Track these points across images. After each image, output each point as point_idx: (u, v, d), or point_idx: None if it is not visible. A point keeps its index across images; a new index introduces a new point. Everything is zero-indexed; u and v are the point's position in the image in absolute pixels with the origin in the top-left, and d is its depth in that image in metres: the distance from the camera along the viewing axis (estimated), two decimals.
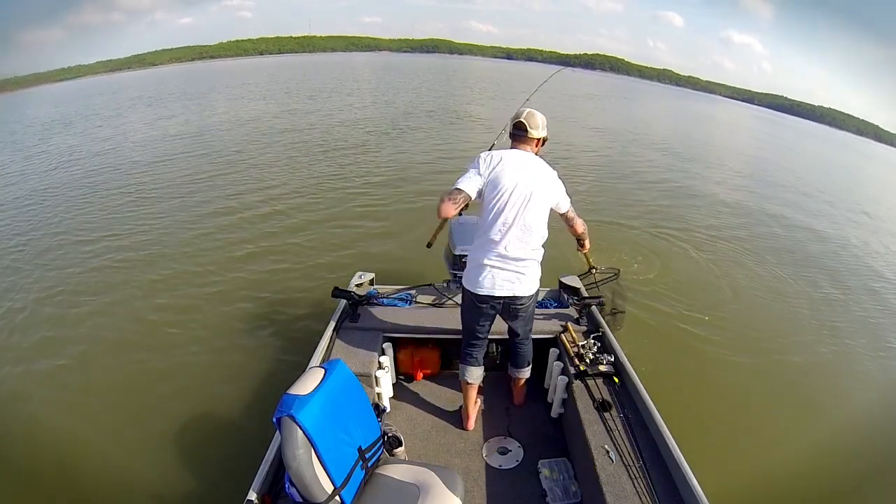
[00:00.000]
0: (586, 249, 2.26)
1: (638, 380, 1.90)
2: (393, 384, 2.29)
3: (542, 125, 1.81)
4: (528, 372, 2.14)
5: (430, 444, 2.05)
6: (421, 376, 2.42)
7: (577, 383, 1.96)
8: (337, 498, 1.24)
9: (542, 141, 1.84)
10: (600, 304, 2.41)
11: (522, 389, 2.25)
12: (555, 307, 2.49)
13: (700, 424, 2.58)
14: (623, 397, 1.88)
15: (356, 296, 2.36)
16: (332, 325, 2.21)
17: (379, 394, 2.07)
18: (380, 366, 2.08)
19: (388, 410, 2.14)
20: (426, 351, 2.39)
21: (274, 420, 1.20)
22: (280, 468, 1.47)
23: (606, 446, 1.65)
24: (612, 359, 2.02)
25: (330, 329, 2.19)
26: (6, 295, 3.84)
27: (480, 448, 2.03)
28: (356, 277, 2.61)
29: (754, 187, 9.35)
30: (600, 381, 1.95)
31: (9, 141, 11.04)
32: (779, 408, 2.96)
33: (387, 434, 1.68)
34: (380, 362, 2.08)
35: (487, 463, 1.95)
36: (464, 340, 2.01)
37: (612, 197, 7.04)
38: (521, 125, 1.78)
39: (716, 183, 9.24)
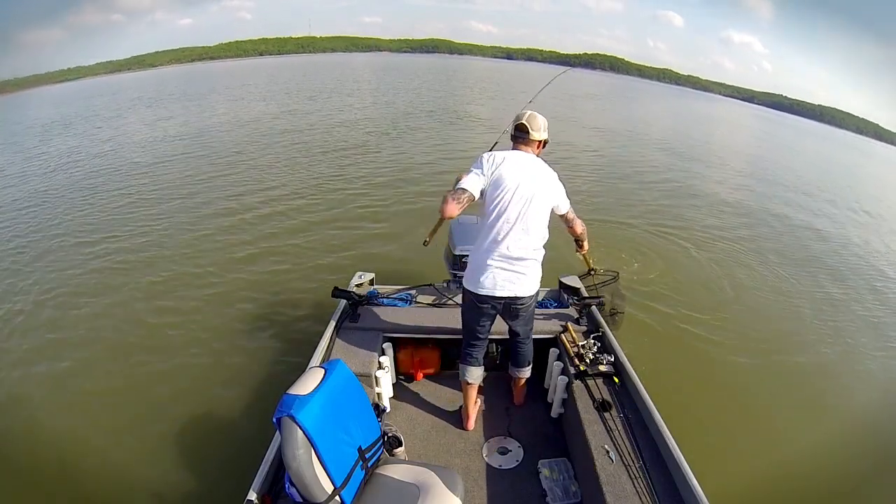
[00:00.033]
0: (585, 250, 2.28)
1: (638, 380, 1.90)
2: (393, 384, 2.29)
3: (544, 127, 1.82)
4: (529, 371, 2.14)
5: (430, 444, 2.05)
6: (421, 376, 2.42)
7: (577, 383, 1.96)
8: (337, 498, 1.24)
9: (544, 143, 1.86)
10: (600, 304, 2.42)
11: (522, 389, 2.25)
12: (555, 307, 2.49)
13: (700, 424, 2.58)
14: (623, 397, 1.88)
15: (356, 296, 2.36)
16: (332, 326, 2.21)
17: (379, 394, 2.07)
18: (380, 366, 2.08)
19: (388, 410, 2.14)
20: (426, 351, 2.39)
21: (274, 420, 1.20)
22: (280, 468, 1.47)
23: (606, 446, 1.64)
24: (612, 359, 2.02)
25: (330, 329, 2.19)
26: (6, 297, 3.84)
27: (480, 448, 2.03)
28: (356, 277, 2.61)
29: (755, 186, 9.34)
30: (600, 381, 1.95)
31: (9, 142, 11.05)
32: (779, 408, 2.96)
33: (387, 434, 1.68)
34: (380, 362, 2.08)
35: (487, 463, 1.95)
36: (464, 340, 2.01)
37: (613, 196, 7.03)
38: (523, 127, 1.79)
39: (716, 182, 9.24)
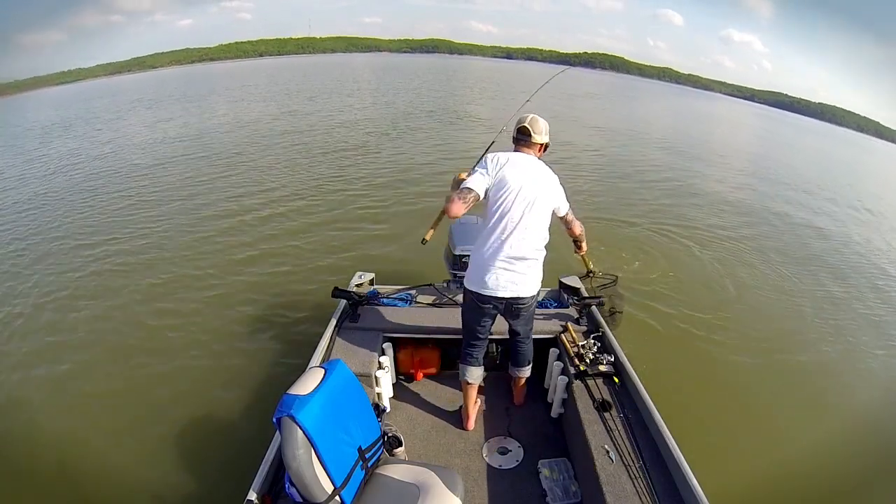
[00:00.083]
0: (584, 251, 2.31)
1: (638, 380, 1.90)
2: (393, 384, 2.29)
3: (545, 131, 1.84)
4: (529, 371, 2.14)
5: (430, 444, 2.05)
6: (421, 376, 2.42)
7: (577, 383, 1.95)
8: (337, 498, 1.24)
9: (545, 146, 1.88)
10: (600, 304, 2.42)
11: (522, 389, 2.25)
12: (555, 307, 2.49)
13: (700, 424, 2.57)
14: (623, 397, 1.87)
15: (356, 296, 2.36)
16: (332, 326, 2.21)
17: (379, 394, 2.07)
18: (380, 366, 2.08)
19: (388, 410, 2.14)
20: (426, 351, 2.39)
21: (274, 420, 1.20)
22: (280, 468, 1.47)
23: (606, 446, 1.64)
24: (612, 359, 2.02)
25: (330, 329, 2.19)
26: (6, 300, 3.84)
27: (480, 448, 2.03)
28: (356, 277, 2.61)
29: (756, 185, 9.32)
30: (600, 381, 1.95)
31: (9, 145, 11.06)
32: (780, 407, 2.95)
33: (387, 434, 1.68)
34: (380, 362, 2.08)
35: (487, 463, 1.95)
36: (464, 340, 2.01)
37: (614, 195, 7.03)
38: (525, 130, 1.82)
39: (717, 181, 9.23)
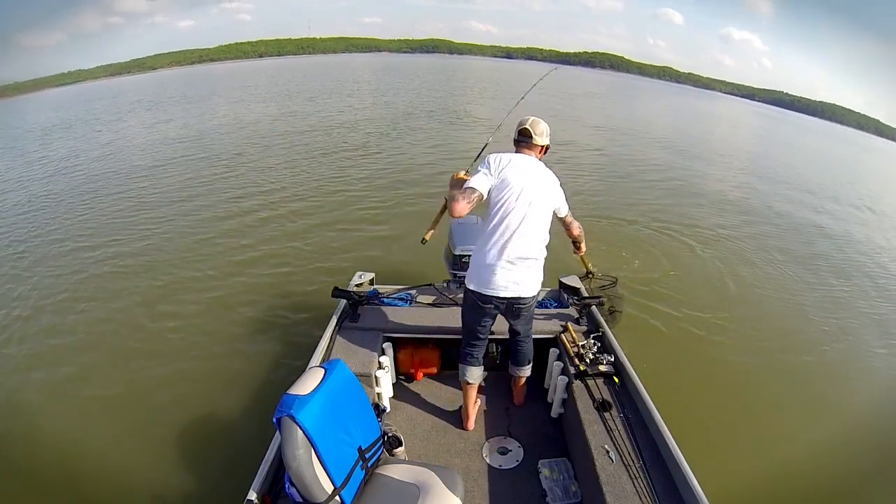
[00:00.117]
0: (582, 252, 2.33)
1: (638, 380, 1.90)
2: (393, 384, 2.29)
3: (546, 133, 1.87)
4: (529, 370, 2.14)
5: (430, 444, 2.05)
6: (421, 376, 2.43)
7: (577, 383, 1.96)
8: (337, 498, 1.24)
9: (545, 149, 1.90)
10: (600, 304, 2.42)
11: (522, 389, 2.25)
12: (555, 307, 2.49)
13: (700, 424, 2.56)
14: (623, 397, 1.88)
15: (356, 296, 2.36)
16: (332, 326, 2.22)
17: (379, 394, 2.08)
18: (380, 366, 2.08)
19: (388, 410, 2.14)
20: (426, 351, 2.40)
21: (274, 420, 1.21)
22: (280, 468, 1.47)
23: (606, 446, 1.64)
24: (612, 359, 2.02)
25: (330, 329, 2.19)
26: (6, 302, 3.84)
27: (480, 448, 2.03)
28: (356, 277, 2.61)
29: (757, 184, 9.31)
30: (600, 381, 1.95)
31: (9, 147, 11.08)
32: (781, 406, 2.95)
33: (387, 434, 1.69)
34: (380, 362, 2.08)
35: (487, 463, 1.95)
36: (464, 340, 2.02)
37: (615, 195, 7.02)
38: (527, 132, 1.84)
39: (718, 180, 9.23)
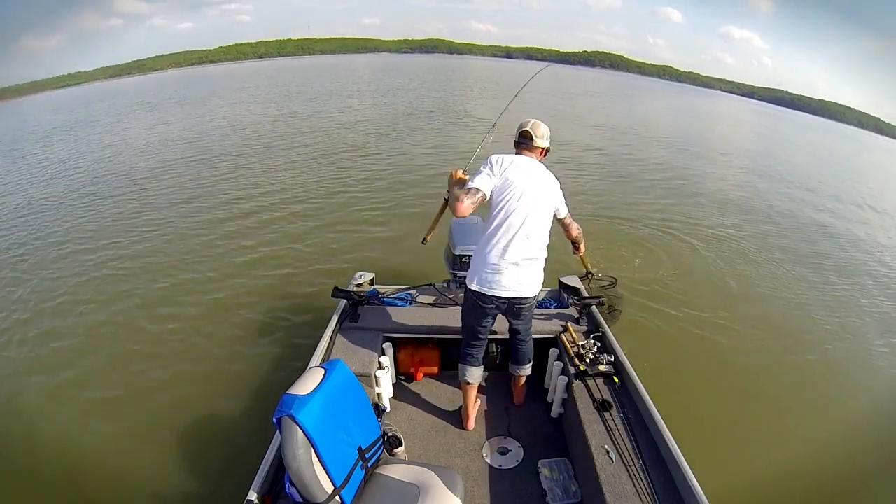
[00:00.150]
0: (581, 252, 2.35)
1: (638, 380, 1.90)
2: (393, 384, 2.30)
3: (546, 136, 1.88)
4: (529, 369, 2.14)
5: (430, 444, 2.05)
6: (421, 376, 2.42)
7: (577, 383, 1.95)
8: (337, 498, 1.24)
9: (546, 151, 1.92)
10: (600, 304, 2.42)
11: (522, 389, 2.25)
12: (555, 307, 2.49)
13: (700, 424, 2.56)
14: (623, 397, 1.87)
15: (356, 296, 2.36)
16: (332, 326, 2.22)
17: (379, 394, 2.08)
18: (380, 366, 2.08)
19: (388, 410, 2.14)
20: (426, 351, 2.40)
21: (274, 420, 1.21)
22: (280, 468, 1.47)
23: (606, 446, 1.64)
24: (612, 359, 2.02)
25: (330, 329, 2.19)
26: (6, 305, 3.84)
27: (480, 448, 2.03)
28: (356, 277, 2.61)
29: (758, 182, 9.30)
30: (600, 381, 1.95)
31: (9, 149, 11.09)
32: (781, 406, 2.94)
33: (387, 434, 1.69)
34: (380, 362, 2.08)
35: (487, 463, 1.95)
36: (464, 340, 2.02)
37: (615, 194, 7.02)
38: (527, 134, 1.85)
39: (719, 179, 9.22)
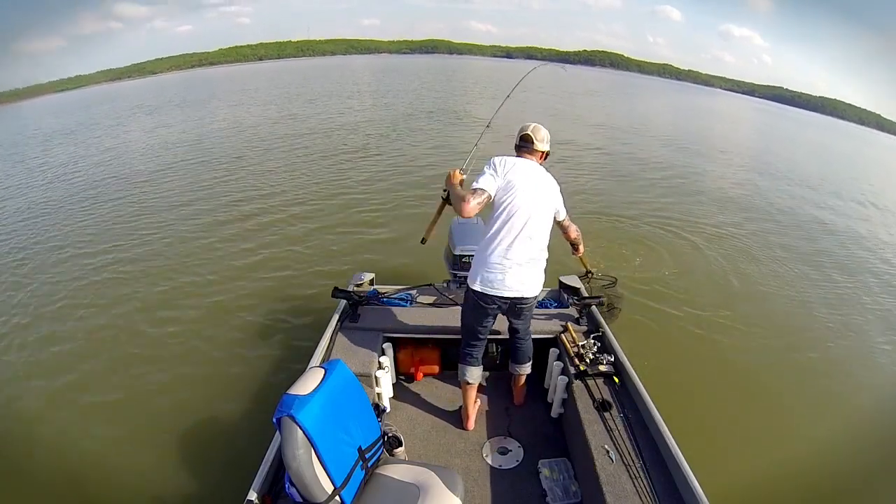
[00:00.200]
0: (581, 253, 2.38)
1: (638, 380, 1.90)
2: (393, 384, 2.30)
3: (546, 140, 1.91)
4: (529, 368, 2.15)
5: (430, 444, 2.05)
6: (421, 376, 2.43)
7: (577, 383, 1.95)
8: (337, 498, 1.24)
9: (545, 155, 1.94)
10: (600, 304, 2.42)
11: (522, 389, 2.26)
12: (555, 307, 2.49)
13: (700, 424, 2.55)
14: (623, 397, 1.87)
15: (356, 296, 2.36)
16: (332, 326, 2.22)
17: (379, 394, 2.08)
18: (380, 366, 2.08)
19: (388, 410, 2.15)
20: (426, 351, 2.40)
21: (274, 420, 1.21)
22: (280, 468, 1.47)
23: (606, 446, 1.64)
24: (612, 359, 2.02)
25: (330, 329, 2.20)
26: (6, 309, 3.84)
27: (480, 448, 2.03)
28: (356, 278, 2.61)
29: (759, 180, 9.30)
30: (600, 381, 1.95)
31: (10, 153, 11.11)
32: (782, 406, 2.93)
33: (387, 434, 1.69)
34: (380, 362, 2.09)
35: (487, 463, 1.96)
36: (463, 340, 2.02)
37: (616, 193, 7.02)
38: (528, 137, 1.89)
39: (720, 177, 9.21)
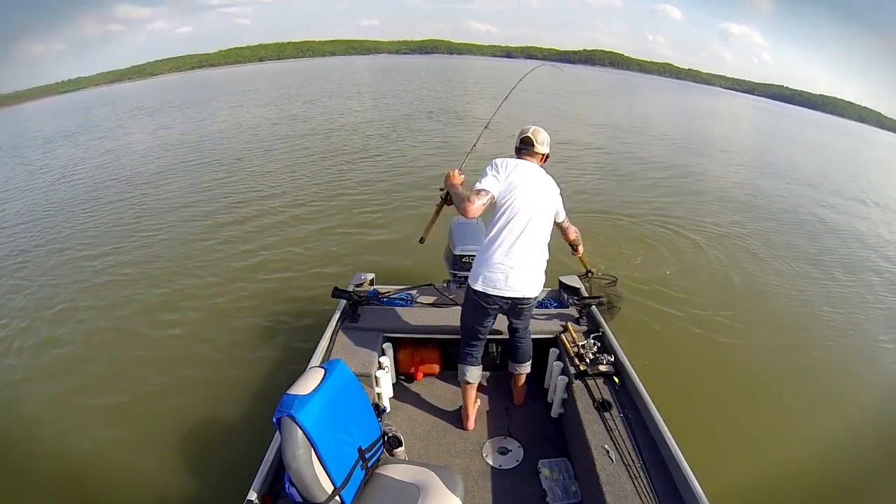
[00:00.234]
0: (580, 254, 2.40)
1: (638, 380, 1.90)
2: (393, 384, 2.30)
3: (546, 142, 1.93)
4: (529, 367, 2.15)
5: (430, 444, 2.05)
6: (421, 376, 2.43)
7: (577, 383, 1.95)
8: (337, 498, 1.24)
9: (545, 158, 1.96)
10: (600, 304, 2.42)
11: (522, 389, 2.26)
12: (555, 307, 2.49)
13: (700, 424, 2.55)
14: (623, 397, 1.87)
15: (356, 296, 2.36)
16: (332, 326, 2.22)
17: (379, 394, 2.08)
18: (380, 366, 2.08)
19: (388, 410, 2.15)
20: (426, 351, 2.40)
21: (274, 420, 1.21)
22: (280, 468, 1.48)
23: (606, 446, 1.64)
24: (612, 359, 2.02)
25: (330, 329, 2.20)
26: (6, 312, 3.85)
27: (480, 448, 2.03)
28: (356, 278, 2.61)
29: (760, 179, 9.28)
30: (600, 381, 1.95)
31: (11, 155, 11.14)
32: (783, 405, 2.93)
33: (387, 434, 1.69)
34: (380, 362, 2.09)
35: (487, 463, 1.96)
36: (463, 340, 2.02)
37: (617, 192, 7.01)
38: (529, 140, 1.91)
39: (720, 176, 9.19)
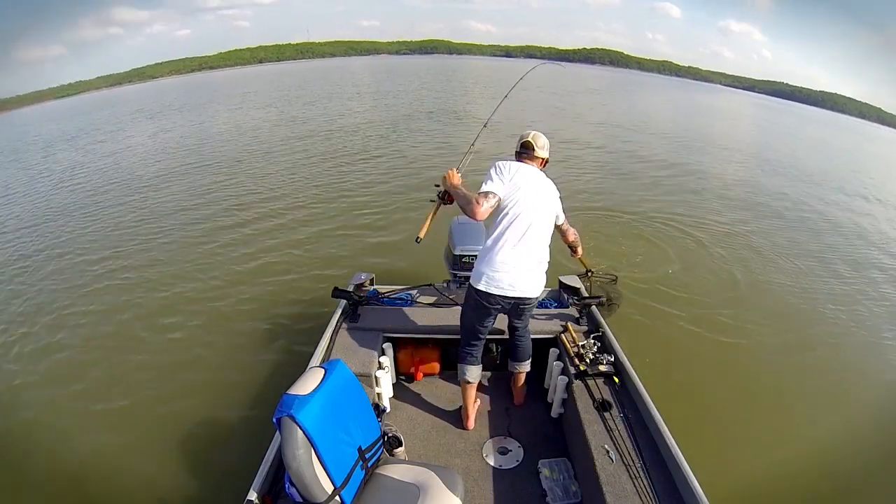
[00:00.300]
0: (580, 255, 2.41)
1: (638, 380, 1.90)
2: (393, 384, 2.30)
3: (546, 147, 1.97)
4: (529, 366, 2.15)
5: (430, 444, 2.05)
6: (421, 376, 2.43)
7: (578, 383, 1.96)
8: (337, 498, 1.25)
9: (545, 162, 1.99)
10: (600, 304, 2.42)
11: (522, 389, 2.26)
12: (555, 307, 2.49)
13: (700, 424, 2.54)
14: (623, 397, 1.87)
15: (356, 296, 2.37)
16: (332, 326, 2.22)
17: (379, 394, 2.08)
18: (380, 366, 2.09)
19: (388, 410, 2.15)
20: (426, 351, 2.40)
21: (274, 420, 1.21)
22: (280, 468, 1.48)
23: (606, 446, 1.64)
24: (612, 359, 2.02)
25: (330, 329, 2.20)
26: (7, 317, 3.86)
27: (480, 448, 2.03)
28: (356, 278, 2.61)
29: (761, 176, 9.26)
30: (600, 381, 1.95)
31: (11, 160, 11.18)
32: (783, 405, 2.92)
33: (387, 434, 1.70)
34: (380, 362, 2.09)
35: (487, 463, 1.96)
36: (463, 340, 2.03)
37: (617, 191, 7.01)
38: (529, 144, 1.95)
39: (721, 174, 9.18)
